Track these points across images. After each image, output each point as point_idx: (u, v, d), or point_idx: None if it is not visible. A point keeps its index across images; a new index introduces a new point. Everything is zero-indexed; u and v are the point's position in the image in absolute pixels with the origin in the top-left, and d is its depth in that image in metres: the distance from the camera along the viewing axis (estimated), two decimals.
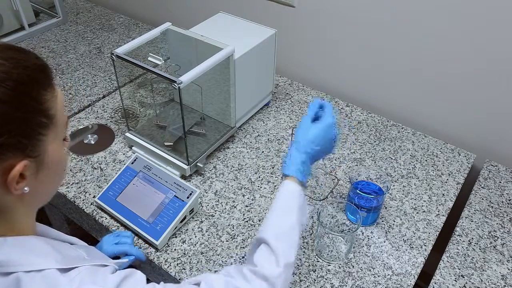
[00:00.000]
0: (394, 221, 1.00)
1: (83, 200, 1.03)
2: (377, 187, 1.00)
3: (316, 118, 0.81)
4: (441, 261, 0.93)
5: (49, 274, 0.54)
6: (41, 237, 0.61)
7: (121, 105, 1.31)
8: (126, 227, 0.97)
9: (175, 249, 0.93)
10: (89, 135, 1.20)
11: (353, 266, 0.91)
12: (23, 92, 0.51)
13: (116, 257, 0.89)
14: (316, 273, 0.90)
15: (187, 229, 0.97)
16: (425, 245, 0.95)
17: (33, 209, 0.62)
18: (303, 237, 0.96)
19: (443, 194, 1.07)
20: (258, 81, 1.21)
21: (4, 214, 0.57)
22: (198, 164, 1.07)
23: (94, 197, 1.04)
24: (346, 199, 1.02)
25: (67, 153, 0.62)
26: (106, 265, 0.62)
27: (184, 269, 0.89)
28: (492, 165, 1.16)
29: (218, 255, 0.92)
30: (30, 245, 0.57)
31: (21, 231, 0.59)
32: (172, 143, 1.10)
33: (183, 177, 1.08)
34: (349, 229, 0.98)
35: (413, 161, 1.16)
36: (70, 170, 1.11)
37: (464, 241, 0.97)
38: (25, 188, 0.54)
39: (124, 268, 0.64)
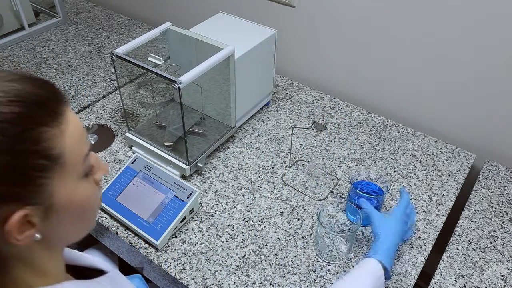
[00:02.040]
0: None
1: None
2: (377, 187, 0.99)
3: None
4: (441, 261, 0.93)
5: None
6: (70, 282, 0.55)
7: (121, 105, 1.31)
8: (126, 227, 0.97)
9: (175, 249, 0.93)
10: (89, 135, 1.20)
11: (353, 266, 0.91)
12: (13, 133, 0.44)
13: None
14: (316, 273, 0.90)
15: (187, 229, 0.97)
16: (425, 245, 0.95)
17: (59, 251, 0.56)
18: (302, 237, 0.96)
19: (443, 194, 1.07)
20: (258, 81, 1.21)
21: (24, 263, 0.51)
22: (198, 164, 1.07)
23: None
24: (346, 199, 1.02)
25: (91, 190, 0.54)
26: None
27: (184, 269, 0.89)
28: (492, 165, 1.16)
29: (218, 255, 0.92)
30: None
31: (49, 275, 0.54)
32: (172, 143, 1.10)
33: (183, 177, 1.08)
34: (349, 229, 0.98)
35: (413, 161, 1.16)
36: None
37: (464, 241, 0.97)
38: (36, 235, 0.48)
39: None
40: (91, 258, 0.66)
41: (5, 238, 0.46)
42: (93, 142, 1.18)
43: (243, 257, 0.92)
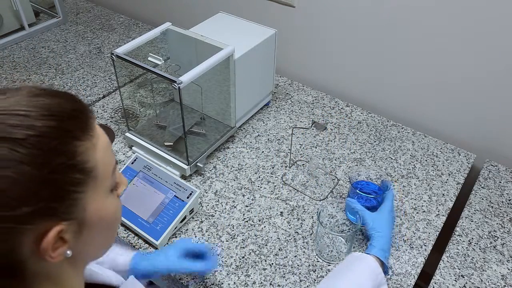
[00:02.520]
0: (394, 221, 1.00)
1: None
2: (377, 187, 0.99)
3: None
4: (441, 261, 0.93)
5: None
6: None
7: (121, 105, 1.31)
8: (126, 227, 0.97)
9: None
10: None
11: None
12: (49, 148, 0.43)
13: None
14: (316, 273, 0.90)
15: (187, 229, 0.97)
16: (425, 245, 0.95)
17: (82, 269, 0.56)
18: (302, 237, 0.96)
19: (443, 194, 1.07)
20: (258, 81, 1.21)
21: (52, 281, 0.49)
22: (198, 164, 1.07)
23: None
24: (346, 199, 1.02)
25: (118, 203, 0.54)
26: None
27: None
28: (492, 165, 1.16)
29: (218, 255, 0.92)
30: None
31: None
32: (172, 143, 1.10)
33: (183, 177, 1.08)
34: (349, 229, 0.98)
35: (413, 161, 1.16)
36: None
37: (464, 241, 0.97)
38: (67, 252, 0.47)
39: None
40: (103, 274, 0.66)
41: (41, 255, 0.45)
42: None
43: (243, 257, 0.92)
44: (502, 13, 1.01)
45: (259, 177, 1.10)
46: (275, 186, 1.08)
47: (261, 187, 1.07)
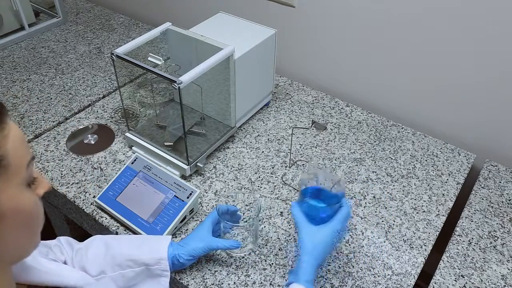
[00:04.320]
0: (394, 221, 1.00)
1: (83, 200, 1.03)
2: (332, 194, 0.83)
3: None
4: (441, 261, 0.93)
5: None
6: None
7: (121, 105, 1.31)
8: (126, 227, 0.97)
9: None
10: (89, 135, 1.20)
11: (353, 266, 0.91)
12: None
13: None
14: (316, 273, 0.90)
15: (187, 229, 0.97)
16: (425, 245, 0.95)
17: (6, 270, 0.54)
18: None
19: (443, 194, 1.07)
20: (258, 81, 1.21)
21: None
22: (198, 164, 1.07)
23: (94, 197, 1.04)
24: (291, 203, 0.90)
25: (36, 199, 0.53)
26: None
27: (184, 269, 0.89)
28: (492, 165, 1.16)
29: (218, 255, 0.92)
30: None
31: None
32: (172, 143, 1.10)
33: (183, 177, 1.08)
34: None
35: (413, 161, 1.16)
36: (70, 170, 1.11)
37: (464, 241, 0.97)
38: None
39: None
40: (61, 276, 0.64)
41: None
42: (93, 142, 1.18)
43: (243, 257, 0.92)
44: (502, 13, 1.01)
45: (259, 177, 1.10)
46: (275, 186, 1.08)
47: (261, 187, 1.07)
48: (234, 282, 0.87)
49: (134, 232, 0.95)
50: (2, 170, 0.47)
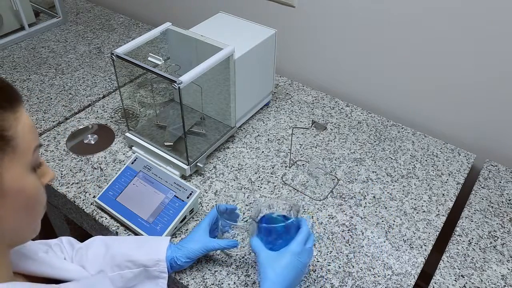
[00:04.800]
0: (394, 221, 1.00)
1: (83, 200, 1.04)
2: (286, 219, 0.80)
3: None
4: (441, 261, 0.93)
5: None
6: (17, 284, 0.54)
7: (121, 105, 1.31)
8: (126, 227, 0.97)
9: None
10: (89, 135, 1.20)
11: (353, 266, 0.91)
12: None
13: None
14: (316, 273, 0.90)
15: (187, 229, 0.97)
16: (425, 245, 0.95)
17: (5, 252, 0.55)
18: None
19: (443, 194, 1.07)
20: (258, 81, 1.21)
21: None
22: (198, 164, 1.07)
23: (94, 197, 1.04)
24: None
25: (39, 184, 0.54)
26: None
27: (184, 269, 0.89)
28: (492, 165, 1.16)
29: (218, 255, 0.92)
30: None
31: None
32: (172, 143, 1.10)
33: (183, 177, 1.08)
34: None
35: (413, 161, 1.16)
36: (70, 170, 1.11)
37: (464, 241, 0.97)
38: None
39: None
40: (58, 268, 0.64)
41: None
42: (93, 142, 1.18)
43: (243, 257, 0.92)
44: (502, 13, 1.01)
45: (259, 177, 1.10)
46: (275, 186, 1.08)
47: (261, 187, 1.07)
48: (234, 282, 0.87)
49: (134, 232, 0.95)
50: (10, 150, 0.49)
